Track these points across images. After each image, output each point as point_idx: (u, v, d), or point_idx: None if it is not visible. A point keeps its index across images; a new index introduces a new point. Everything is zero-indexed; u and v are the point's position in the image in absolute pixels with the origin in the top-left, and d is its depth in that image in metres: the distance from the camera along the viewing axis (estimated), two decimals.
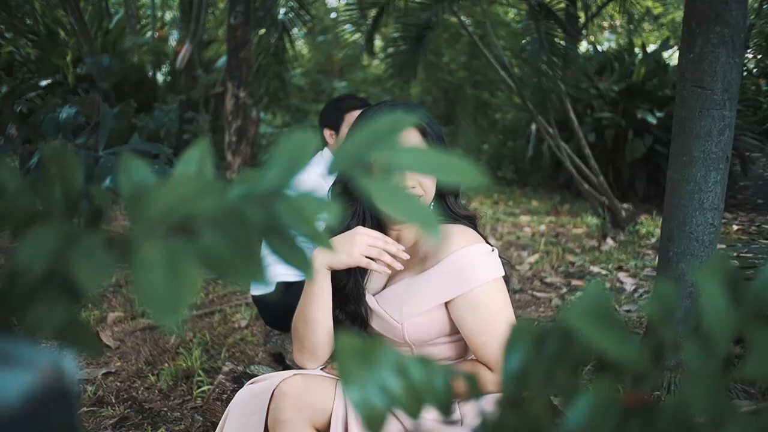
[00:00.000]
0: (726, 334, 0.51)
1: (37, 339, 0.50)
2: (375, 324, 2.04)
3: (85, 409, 3.15)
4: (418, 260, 1.99)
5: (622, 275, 5.43)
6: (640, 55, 9.06)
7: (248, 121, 6.59)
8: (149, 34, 11.99)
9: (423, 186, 1.93)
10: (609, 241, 6.52)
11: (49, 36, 9.92)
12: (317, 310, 1.93)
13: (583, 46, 11.05)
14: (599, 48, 10.71)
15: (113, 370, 3.60)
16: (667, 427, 0.50)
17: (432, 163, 0.52)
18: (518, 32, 9.25)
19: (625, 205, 6.91)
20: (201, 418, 3.08)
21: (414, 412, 0.58)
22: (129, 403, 3.25)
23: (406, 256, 1.90)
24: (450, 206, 2.06)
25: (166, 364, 3.65)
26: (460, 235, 1.94)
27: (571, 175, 7.10)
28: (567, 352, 0.55)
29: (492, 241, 6.64)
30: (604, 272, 5.52)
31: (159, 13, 13.90)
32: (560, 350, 0.56)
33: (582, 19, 8.16)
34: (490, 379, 1.86)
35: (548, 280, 5.37)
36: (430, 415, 1.78)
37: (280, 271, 3.37)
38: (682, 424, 0.50)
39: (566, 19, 6.84)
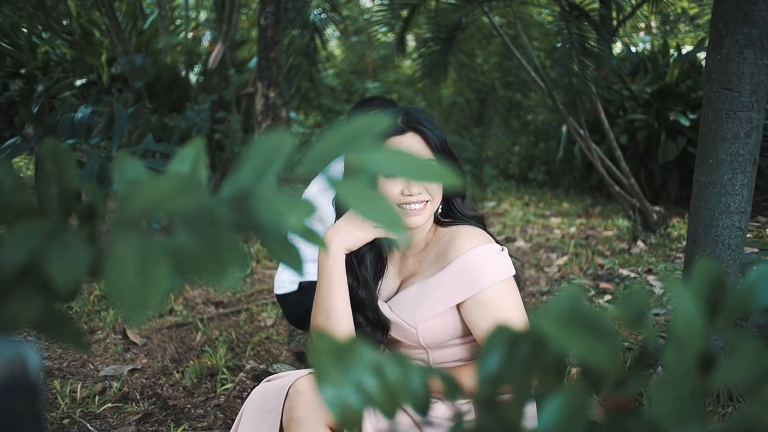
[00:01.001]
0: (695, 340, 0.51)
1: (13, 331, 0.51)
2: (391, 329, 2.04)
3: (110, 404, 3.19)
4: (429, 264, 2.00)
5: (651, 278, 5.38)
6: (674, 57, 8.95)
7: (278, 121, 6.62)
8: (183, 34, 12.08)
9: (429, 191, 1.94)
10: (639, 243, 6.45)
11: (84, 36, 10.05)
12: (336, 299, 1.93)
13: (618, 48, 10.95)
14: (633, 49, 10.60)
15: (139, 367, 3.64)
16: None
17: (404, 164, 0.53)
18: (552, 33, 9.18)
19: (656, 208, 6.84)
20: (222, 416, 3.11)
21: (389, 412, 0.58)
22: (153, 399, 3.29)
23: None
24: (457, 208, 2.07)
25: (192, 362, 3.68)
26: (469, 236, 1.94)
27: (603, 177, 7.04)
28: (539, 356, 0.55)
29: (521, 242, 6.67)
30: (633, 275, 5.47)
31: (193, 14, 14.02)
32: (533, 354, 0.56)
33: (615, 21, 8.09)
34: None
35: (576, 282, 5.34)
36: (438, 413, 1.80)
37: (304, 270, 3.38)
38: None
39: (600, 20, 6.78)
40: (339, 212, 2.00)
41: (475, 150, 10.59)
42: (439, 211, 2.06)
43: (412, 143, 1.93)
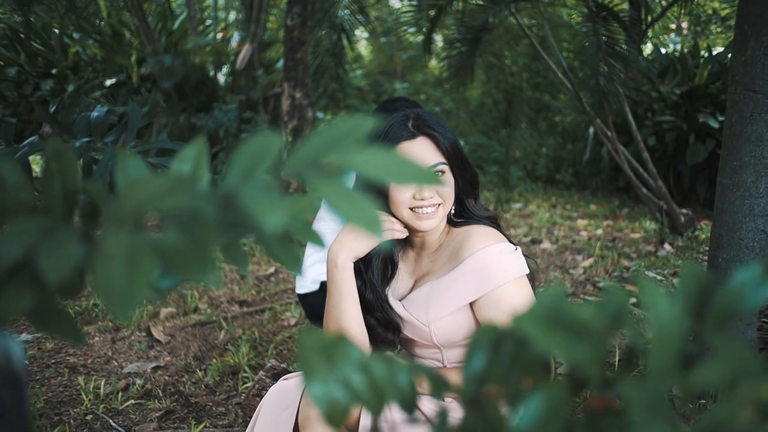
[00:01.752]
0: (671, 342, 0.51)
1: (6, 324, 0.52)
2: (405, 328, 2.06)
3: (132, 401, 3.23)
4: (442, 263, 2.01)
5: (677, 281, 5.33)
6: (704, 58, 8.86)
7: (304, 121, 6.66)
8: (212, 35, 12.18)
9: (441, 194, 1.95)
10: (666, 246, 6.40)
11: (114, 36, 10.16)
12: (347, 307, 1.95)
13: (649, 49, 10.86)
14: (663, 50, 10.51)
15: (162, 365, 3.68)
16: None
17: (384, 166, 0.54)
18: (581, 34, 9.14)
19: (684, 210, 6.78)
20: (242, 414, 3.14)
21: (375, 408, 0.59)
22: (176, 396, 3.33)
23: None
24: (470, 209, 2.08)
25: (214, 360, 3.72)
26: (481, 235, 1.95)
27: (630, 179, 6.99)
28: (521, 356, 0.56)
29: (546, 244, 6.64)
30: (659, 278, 5.43)
31: (222, 15, 14.11)
32: (516, 354, 0.56)
33: (644, 21, 8.03)
34: None
35: (601, 284, 5.30)
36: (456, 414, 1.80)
37: (324, 270, 3.41)
38: None
39: (629, 21, 6.74)
40: None
41: (501, 151, 10.56)
42: (452, 212, 2.07)
43: (422, 147, 1.95)
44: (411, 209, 1.95)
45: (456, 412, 1.84)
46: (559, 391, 0.51)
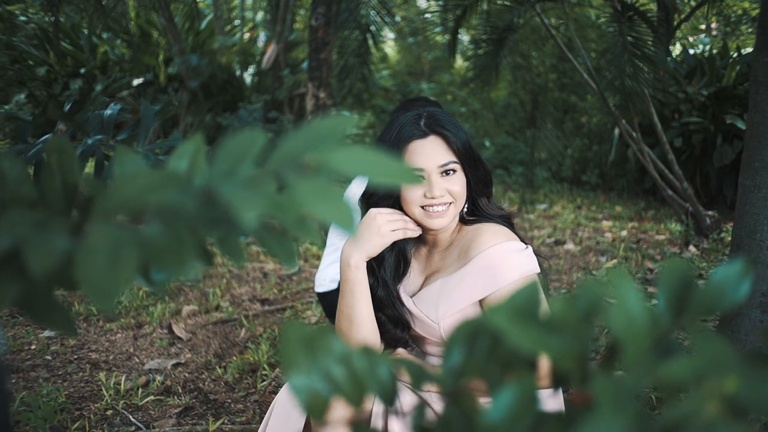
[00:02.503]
0: (639, 337, 0.52)
1: None
2: (414, 324, 2.07)
3: (152, 397, 3.26)
4: (452, 260, 2.02)
5: (701, 283, 5.28)
6: (732, 59, 8.76)
7: None
8: (238, 35, 12.25)
9: (451, 193, 1.96)
10: (691, 248, 6.35)
11: (142, 36, 10.26)
12: (359, 305, 1.96)
13: (677, 50, 10.77)
14: (691, 51, 10.42)
15: (183, 361, 3.72)
16: None
17: (365, 164, 0.55)
18: (608, 34, 9.09)
19: (709, 212, 6.72)
20: (260, 411, 3.16)
21: (356, 400, 0.60)
22: (195, 393, 3.36)
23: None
24: (483, 207, 2.08)
25: (234, 357, 3.75)
26: (491, 233, 1.96)
27: (655, 180, 6.94)
28: (496, 350, 0.57)
29: (570, 245, 6.61)
30: None
31: (250, 15, 14.20)
32: (490, 348, 0.57)
33: (672, 22, 7.97)
34: None
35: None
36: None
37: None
38: None
39: (657, 21, 6.69)
40: (365, 209, 2.04)
41: (527, 152, 10.53)
42: (465, 210, 2.08)
43: (433, 145, 1.96)
44: (422, 207, 1.97)
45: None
46: (530, 385, 0.52)
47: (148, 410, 3.17)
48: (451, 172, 1.97)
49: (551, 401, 2.00)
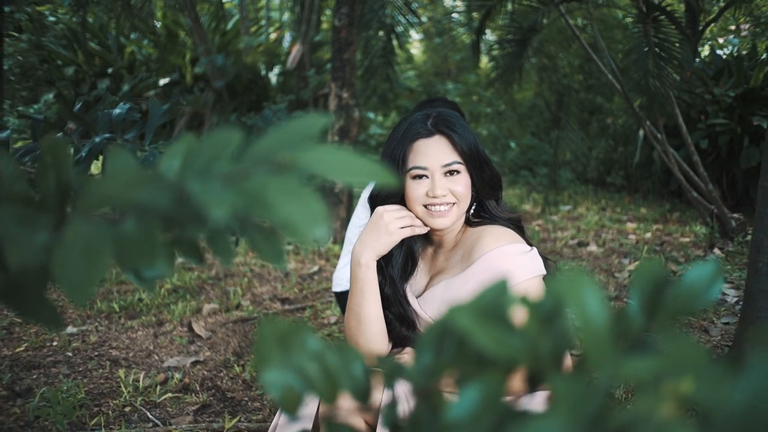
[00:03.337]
0: (599, 337, 0.52)
1: None
2: (419, 326, 2.08)
3: (170, 394, 3.29)
4: (455, 262, 2.03)
5: (725, 287, 5.24)
6: (760, 60, 8.66)
7: (350, 121, 6.68)
8: (264, 35, 12.31)
9: (455, 194, 1.97)
10: (716, 251, 6.29)
11: (169, 37, 10.35)
12: (368, 305, 1.98)
13: (706, 51, 10.67)
14: (720, 52, 10.32)
15: (202, 359, 3.75)
16: None
17: (335, 163, 0.55)
18: (635, 35, 9.03)
19: (735, 215, 6.65)
20: (276, 409, 3.18)
21: (329, 397, 0.61)
22: (212, 391, 3.38)
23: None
24: (491, 209, 2.08)
25: (253, 356, 3.77)
26: (495, 235, 1.96)
27: (680, 182, 6.89)
28: (463, 350, 0.57)
29: (593, 247, 6.58)
30: None
31: (276, 15, 14.26)
32: (458, 348, 0.58)
33: (699, 23, 7.92)
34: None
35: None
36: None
37: None
38: None
39: (685, 22, 6.63)
40: (373, 207, 2.05)
41: (551, 153, 10.49)
42: (472, 212, 2.08)
43: (438, 145, 1.97)
44: (425, 206, 1.98)
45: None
46: (495, 383, 0.52)
47: (165, 407, 3.20)
48: (455, 172, 1.98)
49: (534, 402, 1.99)
